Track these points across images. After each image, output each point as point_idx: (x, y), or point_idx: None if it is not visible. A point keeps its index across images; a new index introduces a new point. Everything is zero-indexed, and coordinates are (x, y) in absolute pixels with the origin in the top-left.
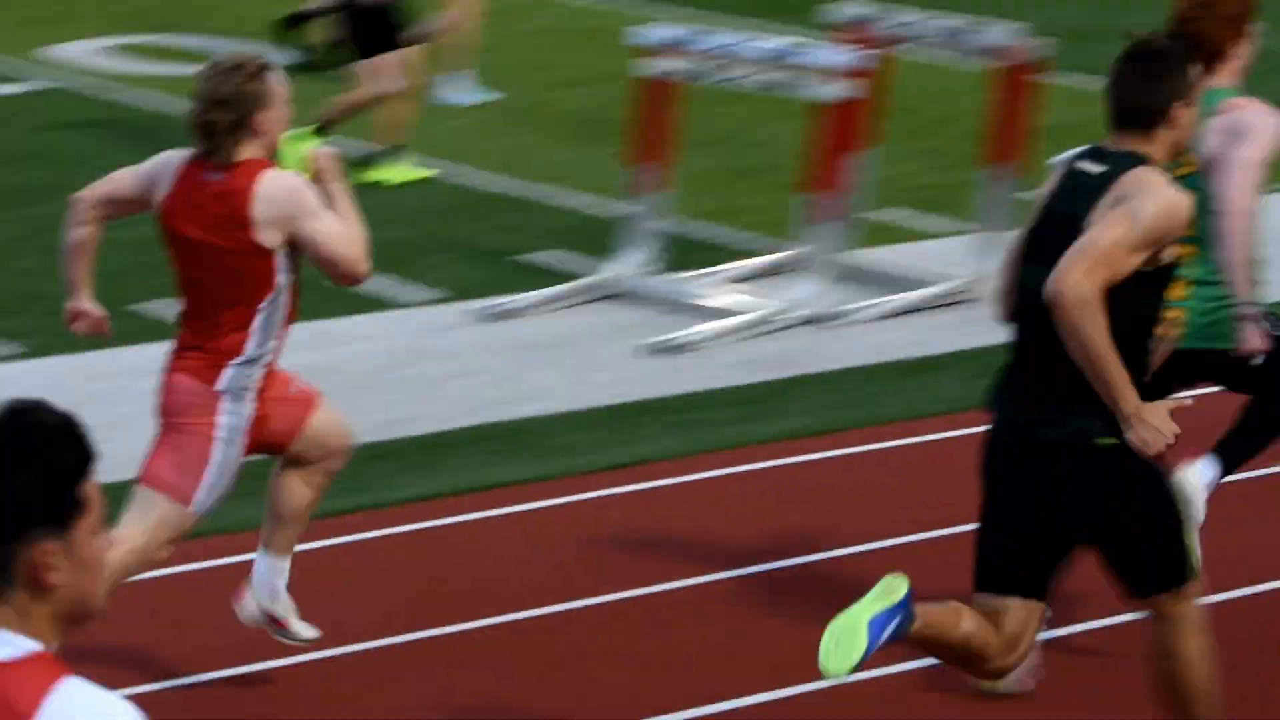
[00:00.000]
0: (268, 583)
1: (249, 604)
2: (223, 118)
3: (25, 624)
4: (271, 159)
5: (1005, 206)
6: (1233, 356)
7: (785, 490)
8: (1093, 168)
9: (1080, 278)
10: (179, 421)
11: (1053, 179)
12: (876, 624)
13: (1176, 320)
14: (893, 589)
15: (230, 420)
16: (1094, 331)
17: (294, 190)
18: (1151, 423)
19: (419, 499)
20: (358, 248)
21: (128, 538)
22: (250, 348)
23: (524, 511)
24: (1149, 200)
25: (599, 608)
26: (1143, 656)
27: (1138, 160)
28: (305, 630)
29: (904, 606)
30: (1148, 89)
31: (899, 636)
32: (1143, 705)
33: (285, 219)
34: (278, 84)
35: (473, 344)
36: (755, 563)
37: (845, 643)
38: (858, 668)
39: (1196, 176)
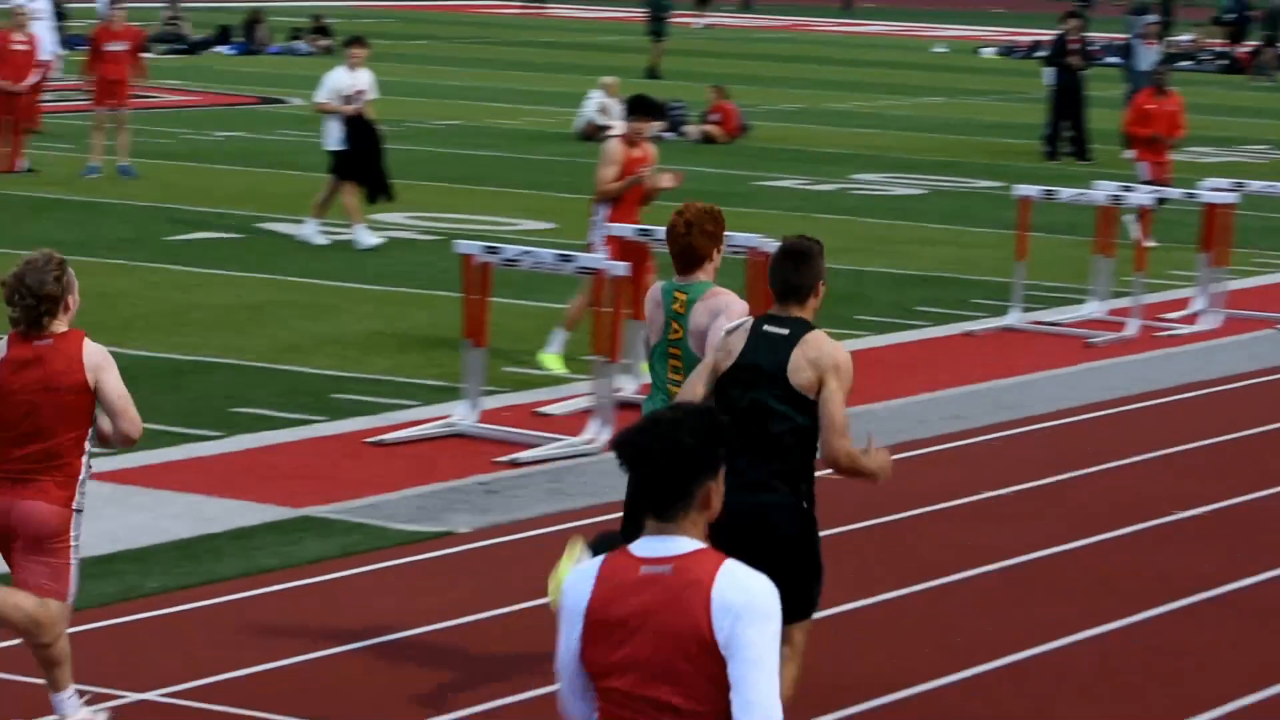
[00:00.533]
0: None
1: None
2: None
3: (696, 532)
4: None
5: None
6: None
7: None
8: (777, 330)
9: (843, 444)
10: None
11: (741, 336)
12: None
13: None
14: None
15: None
16: (864, 465)
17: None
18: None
19: None
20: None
21: None
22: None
23: None
24: (841, 356)
25: None
26: None
27: (808, 325)
28: None
29: None
30: (800, 273)
31: None
32: None
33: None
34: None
35: None
36: None
37: None
38: None
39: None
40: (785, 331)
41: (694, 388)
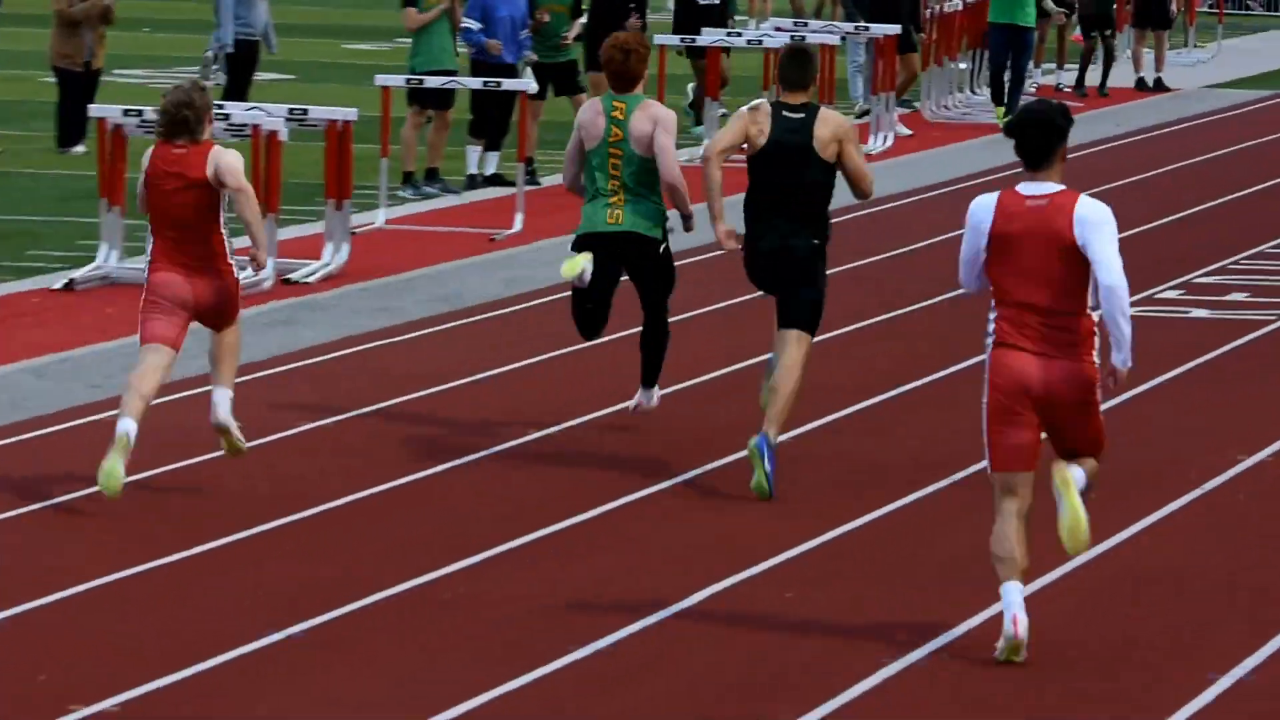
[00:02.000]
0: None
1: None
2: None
3: (1057, 177)
4: None
5: None
6: None
7: None
8: (793, 114)
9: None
10: None
11: (762, 119)
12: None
13: None
14: None
15: None
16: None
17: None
18: None
19: None
20: None
21: None
22: None
23: None
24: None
25: None
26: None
27: (818, 105)
28: None
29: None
30: (806, 70)
31: None
32: None
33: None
34: None
35: None
36: None
37: None
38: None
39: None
40: (802, 115)
41: (716, 144)
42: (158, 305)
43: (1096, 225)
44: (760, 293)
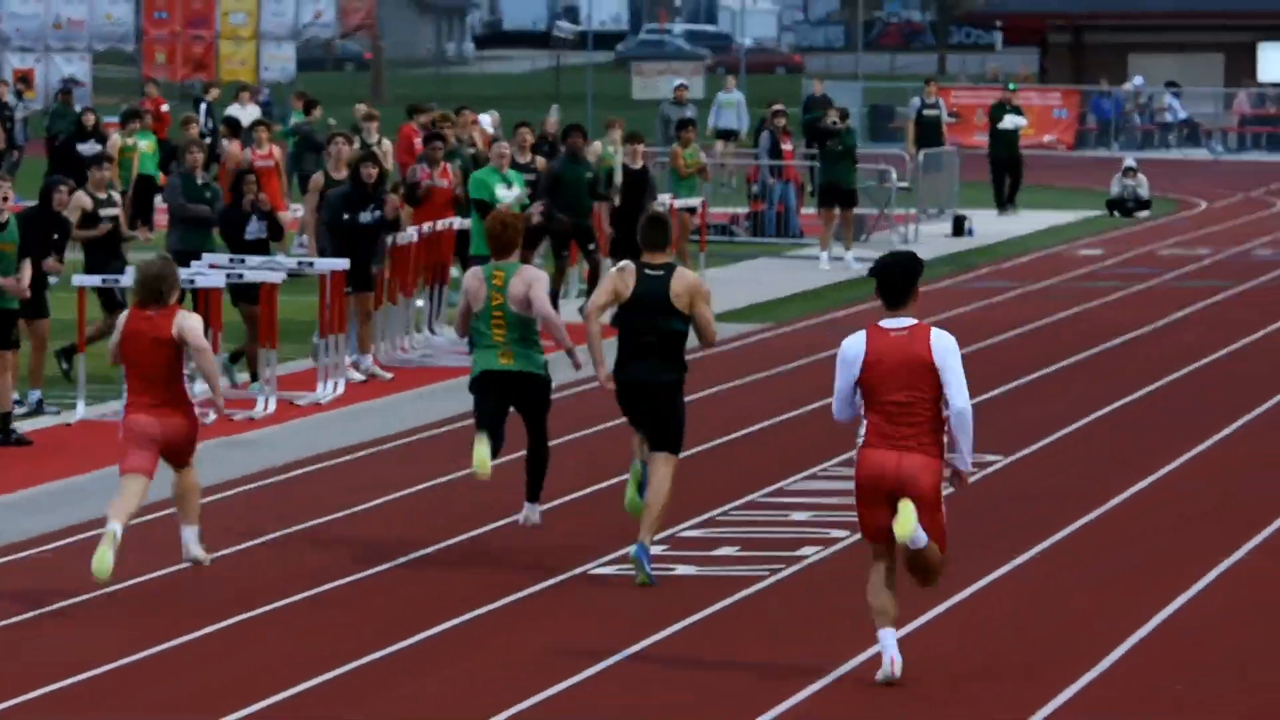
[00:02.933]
0: None
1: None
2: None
3: (912, 313)
4: None
5: None
6: None
7: None
8: (654, 272)
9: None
10: None
11: (629, 277)
12: None
13: None
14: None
15: None
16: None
17: None
18: None
19: None
20: None
21: None
22: None
23: None
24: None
25: None
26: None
27: (675, 265)
28: None
29: None
30: (665, 234)
31: None
32: None
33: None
34: None
35: None
36: None
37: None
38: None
39: None
40: (660, 272)
41: (594, 302)
42: (133, 441)
43: (950, 351)
44: (624, 419)
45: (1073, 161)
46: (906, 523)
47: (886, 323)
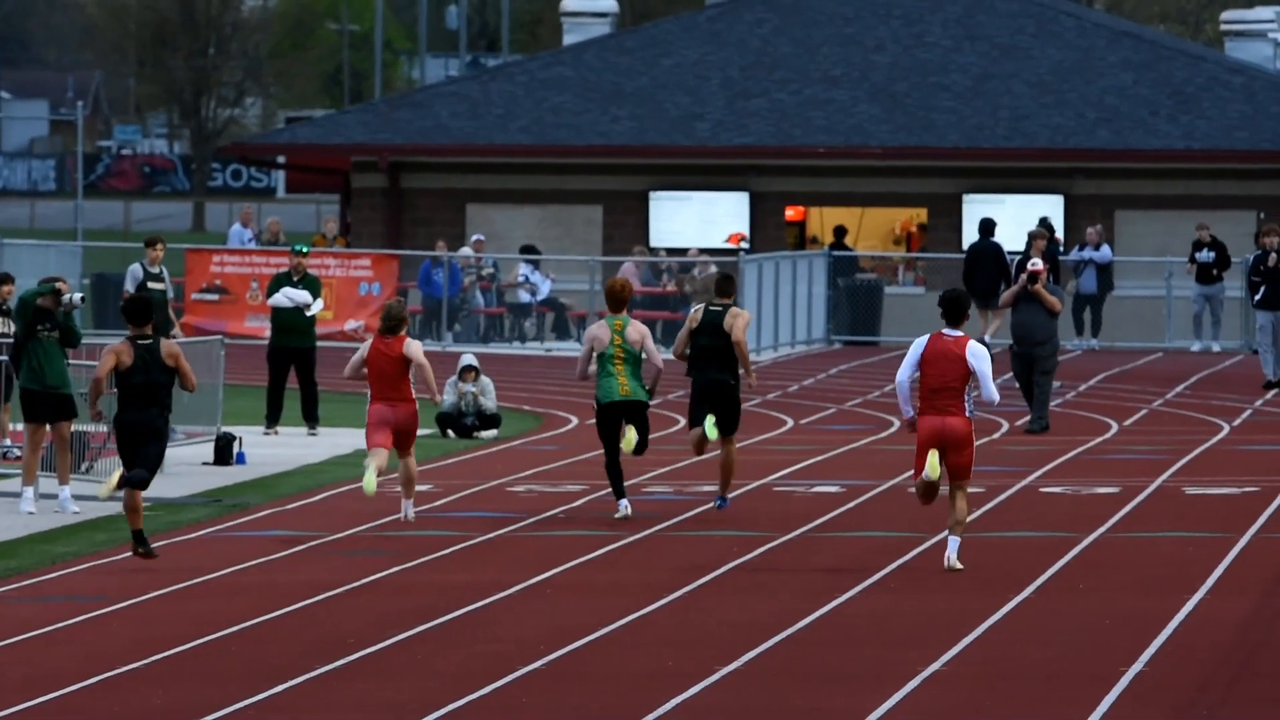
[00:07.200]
0: None
1: None
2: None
3: (962, 327)
4: None
5: None
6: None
7: None
8: (716, 308)
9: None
10: None
11: (699, 313)
12: None
13: None
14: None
15: None
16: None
17: None
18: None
19: None
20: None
21: None
22: None
23: None
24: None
25: None
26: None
27: (733, 304)
28: None
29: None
30: (730, 286)
31: None
32: None
33: None
34: None
35: None
36: None
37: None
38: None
39: None
40: (720, 309)
41: (682, 335)
42: (375, 427)
43: (981, 357)
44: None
45: None
46: (936, 466)
47: (945, 332)
